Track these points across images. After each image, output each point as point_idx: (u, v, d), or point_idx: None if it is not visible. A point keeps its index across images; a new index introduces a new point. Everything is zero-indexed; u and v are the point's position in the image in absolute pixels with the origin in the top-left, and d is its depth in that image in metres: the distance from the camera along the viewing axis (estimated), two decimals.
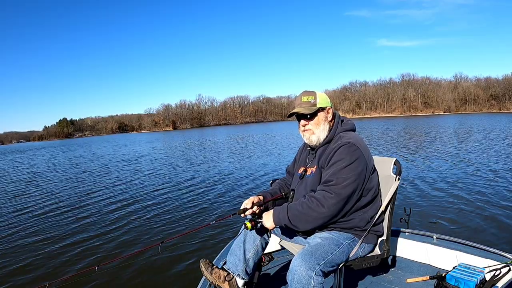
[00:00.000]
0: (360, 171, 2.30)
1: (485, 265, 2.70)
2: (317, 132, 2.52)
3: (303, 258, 2.13)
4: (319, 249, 2.23)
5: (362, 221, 2.43)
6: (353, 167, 2.28)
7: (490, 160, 12.11)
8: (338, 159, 2.32)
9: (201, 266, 2.67)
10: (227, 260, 2.70)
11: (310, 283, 2.09)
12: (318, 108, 2.50)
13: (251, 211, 2.52)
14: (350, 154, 2.30)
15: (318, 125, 2.52)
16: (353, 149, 2.32)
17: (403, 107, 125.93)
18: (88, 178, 15.31)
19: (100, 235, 6.64)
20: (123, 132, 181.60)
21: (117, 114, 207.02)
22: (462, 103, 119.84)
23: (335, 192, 2.23)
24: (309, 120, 2.52)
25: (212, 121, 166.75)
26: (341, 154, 2.32)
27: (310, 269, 2.09)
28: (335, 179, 2.26)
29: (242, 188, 10.22)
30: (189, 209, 8.16)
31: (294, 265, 2.13)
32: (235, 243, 2.71)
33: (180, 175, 13.68)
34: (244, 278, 2.62)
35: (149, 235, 6.44)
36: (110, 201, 9.69)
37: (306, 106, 2.51)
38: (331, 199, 2.23)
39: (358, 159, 2.31)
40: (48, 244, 6.33)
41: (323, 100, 2.53)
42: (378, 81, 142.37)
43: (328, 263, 2.19)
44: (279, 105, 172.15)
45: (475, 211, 6.43)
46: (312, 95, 2.53)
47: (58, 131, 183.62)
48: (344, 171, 2.27)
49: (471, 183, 8.71)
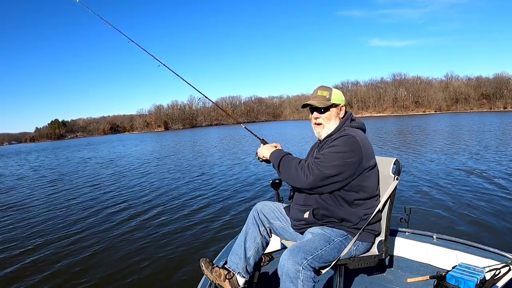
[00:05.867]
0: (350, 162, 2.35)
1: (485, 265, 2.71)
2: (327, 127, 2.61)
3: (291, 253, 2.17)
4: (308, 244, 2.27)
5: (353, 217, 2.46)
6: (344, 156, 2.34)
7: (490, 160, 12.19)
8: (333, 145, 2.41)
9: (202, 265, 2.69)
10: (228, 259, 2.72)
11: (298, 277, 2.12)
12: (332, 104, 2.59)
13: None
14: (346, 144, 2.37)
15: (329, 120, 2.60)
16: (351, 141, 2.38)
17: (394, 107, 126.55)
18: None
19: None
20: (115, 133, 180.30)
21: (109, 115, 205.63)
22: (453, 102, 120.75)
23: (318, 168, 2.33)
24: (321, 114, 2.60)
25: (204, 121, 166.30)
26: (338, 142, 2.40)
27: (297, 263, 2.12)
28: (322, 157, 2.37)
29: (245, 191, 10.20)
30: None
31: (283, 259, 2.17)
32: (236, 242, 2.74)
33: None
34: (244, 277, 2.64)
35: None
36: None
37: (321, 100, 2.59)
38: (312, 171, 2.33)
39: (352, 151, 2.35)
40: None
41: (337, 97, 2.62)
42: (369, 80, 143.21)
43: (317, 259, 2.22)
44: (271, 105, 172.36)
45: (475, 211, 6.47)
46: (328, 90, 2.62)
47: (49, 132, 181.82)
48: (334, 155, 2.35)
49: (471, 183, 8.76)
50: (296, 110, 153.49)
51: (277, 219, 2.76)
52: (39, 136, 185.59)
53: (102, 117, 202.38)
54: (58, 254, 5.91)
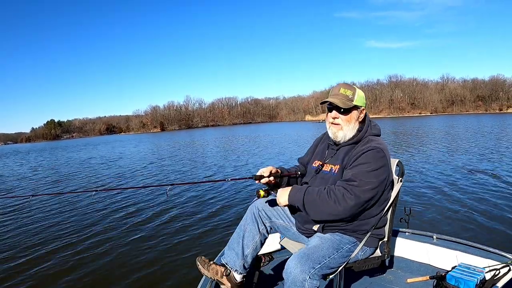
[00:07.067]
0: (383, 179, 2.27)
1: (485, 265, 2.71)
2: (345, 129, 2.43)
3: (298, 261, 2.11)
4: (317, 252, 2.20)
5: (368, 225, 2.40)
6: (378, 174, 2.24)
7: (490, 160, 12.23)
8: (365, 161, 2.26)
9: (198, 263, 2.67)
10: (225, 255, 2.68)
11: (304, 286, 2.07)
12: (354, 106, 2.40)
13: (267, 179, 2.51)
14: (377, 160, 2.25)
15: (349, 122, 2.42)
16: (381, 155, 2.28)
17: (390, 108, 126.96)
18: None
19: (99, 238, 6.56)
20: (111, 133, 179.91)
21: (105, 116, 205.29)
22: (449, 104, 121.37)
23: (356, 194, 2.18)
24: (341, 114, 2.42)
25: (200, 122, 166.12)
26: (368, 158, 2.26)
27: (304, 272, 2.07)
28: (358, 180, 2.20)
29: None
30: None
31: (289, 266, 2.12)
32: (234, 238, 2.69)
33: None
34: (242, 273, 2.61)
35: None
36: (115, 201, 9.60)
37: (343, 99, 2.39)
38: (350, 200, 2.18)
39: (383, 166, 2.27)
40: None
41: (360, 99, 2.44)
42: (365, 82, 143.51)
43: (324, 267, 2.17)
44: (267, 106, 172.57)
45: (475, 211, 6.48)
46: (351, 90, 2.41)
47: (45, 132, 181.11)
48: (369, 175, 2.22)
49: (471, 183, 8.77)
50: (292, 111, 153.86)
51: (279, 218, 2.69)
52: (35, 136, 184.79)
53: (98, 118, 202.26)
54: (58, 254, 5.86)
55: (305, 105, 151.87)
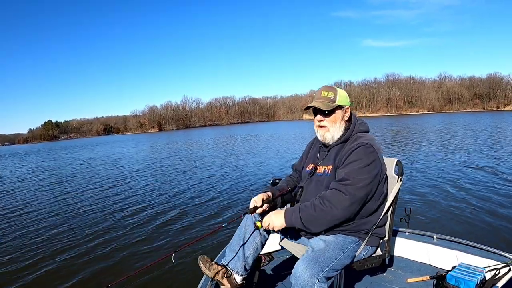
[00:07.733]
0: (376, 174, 2.29)
1: (485, 265, 2.72)
2: (332, 130, 2.48)
3: (307, 265, 2.10)
4: (324, 255, 2.20)
5: (369, 224, 2.42)
6: (370, 169, 2.27)
7: (489, 160, 12.21)
8: (355, 159, 2.29)
9: (200, 262, 2.66)
10: (226, 256, 2.69)
11: None
12: (337, 106, 2.45)
13: (261, 209, 2.51)
14: (368, 155, 2.29)
15: (334, 122, 2.47)
16: (371, 151, 2.31)
17: (387, 107, 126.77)
18: (75, 183, 15.10)
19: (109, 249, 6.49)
20: (109, 134, 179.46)
21: (103, 116, 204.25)
22: (446, 102, 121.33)
23: (350, 192, 2.20)
24: (325, 117, 2.47)
25: (197, 122, 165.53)
26: (358, 154, 2.29)
27: (313, 276, 2.07)
28: (351, 178, 2.23)
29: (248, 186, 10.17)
30: (199, 212, 7.98)
31: (298, 270, 2.11)
32: (234, 240, 2.69)
33: (180, 180, 13.57)
34: (243, 275, 2.62)
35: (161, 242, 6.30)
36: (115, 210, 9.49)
37: (325, 101, 2.44)
38: (345, 201, 2.20)
39: (374, 161, 2.29)
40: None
41: (342, 98, 2.47)
42: (363, 81, 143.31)
43: (332, 269, 2.18)
44: (265, 106, 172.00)
45: (475, 211, 6.48)
46: (332, 91, 2.46)
47: (43, 133, 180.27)
48: (361, 172, 2.24)
49: (471, 183, 8.76)
50: (290, 110, 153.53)
51: None
52: (32, 137, 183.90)
53: (95, 118, 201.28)
54: (64, 251, 5.91)
55: (303, 104, 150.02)
